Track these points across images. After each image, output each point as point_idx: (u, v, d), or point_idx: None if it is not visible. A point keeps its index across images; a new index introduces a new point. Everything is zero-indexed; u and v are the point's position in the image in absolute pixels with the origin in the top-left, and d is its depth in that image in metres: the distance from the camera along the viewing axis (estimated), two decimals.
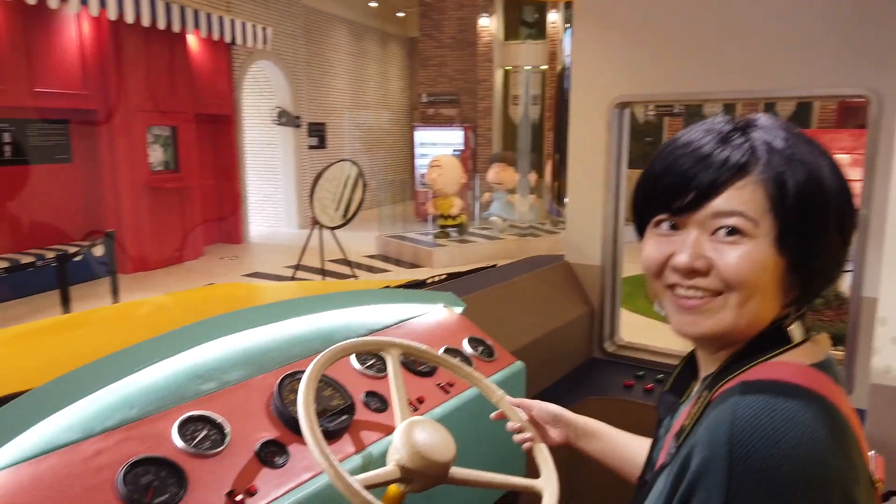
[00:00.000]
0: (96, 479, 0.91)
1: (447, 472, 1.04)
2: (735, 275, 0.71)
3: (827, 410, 0.66)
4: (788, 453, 0.61)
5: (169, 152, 8.80)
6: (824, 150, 0.74)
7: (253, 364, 1.22)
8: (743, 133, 0.73)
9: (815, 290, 0.76)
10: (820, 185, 0.71)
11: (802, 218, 0.70)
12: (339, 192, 7.09)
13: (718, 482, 0.63)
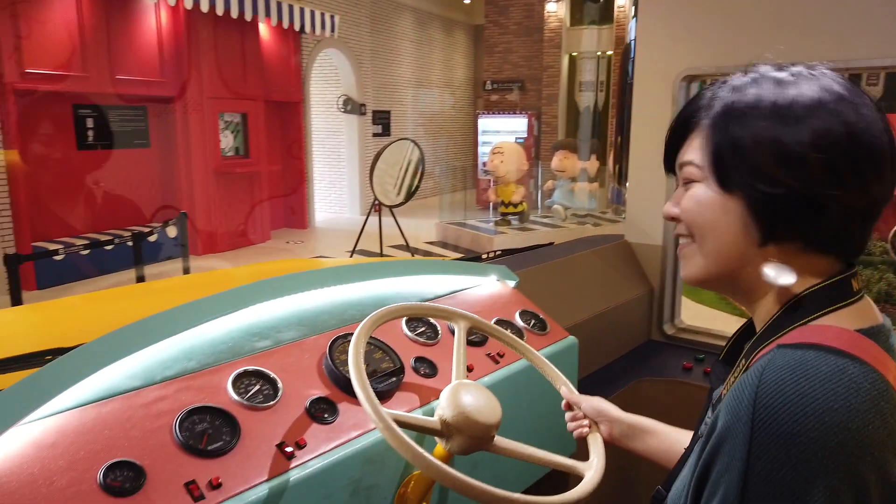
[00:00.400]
0: (155, 424, 0.95)
1: (490, 437, 1.04)
2: (685, 216, 0.76)
3: (867, 377, 0.63)
4: (814, 421, 0.59)
5: (239, 138, 9.08)
6: (811, 103, 0.67)
7: (307, 325, 1.25)
8: (719, 88, 0.74)
9: (809, 235, 0.69)
10: (753, 131, 0.68)
11: (735, 157, 0.70)
12: (399, 171, 7.12)
13: (740, 446, 0.62)
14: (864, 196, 0.67)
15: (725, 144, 0.71)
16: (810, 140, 0.66)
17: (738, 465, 0.62)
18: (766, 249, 0.71)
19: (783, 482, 0.60)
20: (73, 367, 0.96)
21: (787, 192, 0.67)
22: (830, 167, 0.66)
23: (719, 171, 0.72)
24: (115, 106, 7.60)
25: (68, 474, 0.84)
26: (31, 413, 0.89)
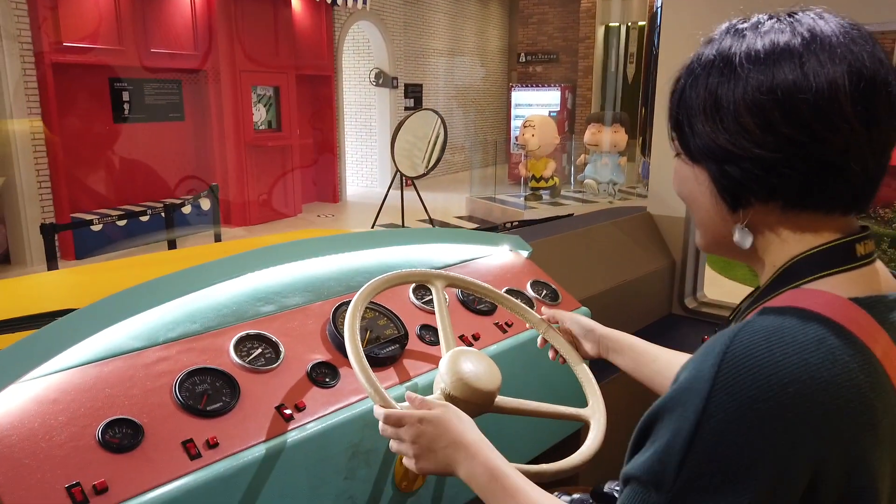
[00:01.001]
0: (156, 384, 0.96)
1: (492, 401, 1.03)
2: (677, 191, 0.77)
3: (848, 348, 0.60)
4: (777, 389, 0.57)
5: (271, 112, 9.13)
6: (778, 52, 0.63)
7: (312, 291, 1.25)
8: (696, 53, 0.71)
9: (779, 196, 0.66)
10: (696, 91, 0.67)
11: (687, 128, 0.69)
12: (428, 144, 7.07)
13: (695, 401, 0.59)
14: (822, 148, 0.62)
15: (681, 115, 0.70)
16: (741, 98, 0.64)
17: (690, 420, 0.59)
18: (744, 214, 0.69)
19: (731, 446, 0.57)
20: (78, 327, 0.97)
21: (734, 157, 0.65)
22: (766, 126, 0.63)
23: (682, 143, 0.72)
24: (150, 79, 7.70)
25: (68, 430, 0.86)
26: (34, 370, 0.91)
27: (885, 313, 0.64)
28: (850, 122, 0.61)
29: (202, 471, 0.89)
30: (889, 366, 0.62)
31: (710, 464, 0.58)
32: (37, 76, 6.33)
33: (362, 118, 12.27)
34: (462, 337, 1.28)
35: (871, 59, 0.62)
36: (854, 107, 0.61)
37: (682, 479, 0.58)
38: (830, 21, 0.65)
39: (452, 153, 13.19)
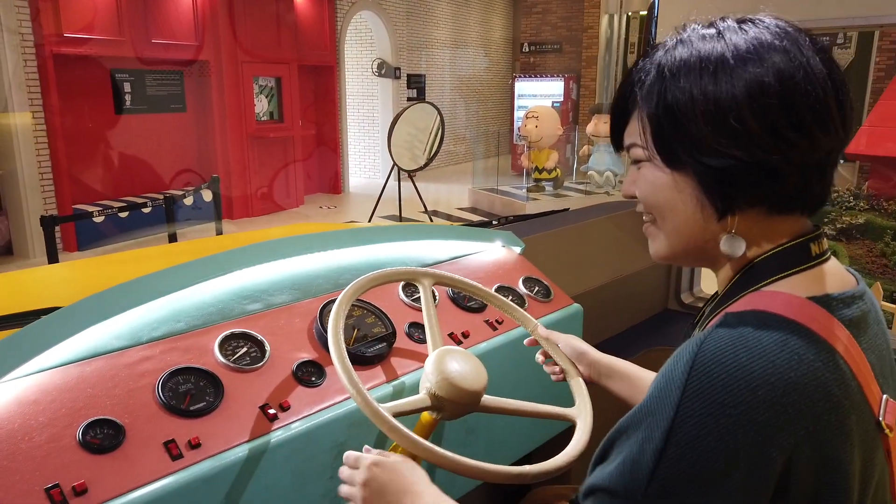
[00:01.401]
0: (138, 384, 0.96)
1: (478, 401, 1.02)
2: (643, 199, 0.73)
3: (811, 348, 0.60)
4: (747, 393, 0.57)
5: (273, 103, 9.10)
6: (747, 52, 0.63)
7: (299, 289, 1.24)
8: (650, 56, 0.69)
9: (769, 200, 0.65)
10: (685, 94, 0.64)
11: (672, 132, 0.66)
12: (429, 136, 7.04)
13: (667, 409, 0.59)
14: (816, 150, 0.63)
15: (662, 119, 0.66)
16: (745, 100, 0.62)
17: (662, 427, 0.59)
18: (731, 220, 0.68)
19: (704, 452, 0.57)
20: (60, 326, 0.97)
21: (734, 162, 0.63)
22: (771, 129, 0.62)
23: (662, 150, 0.68)
24: (151, 70, 7.68)
25: (48, 430, 0.86)
26: (15, 370, 0.90)
27: (841, 310, 0.65)
28: (836, 125, 0.63)
29: (184, 471, 0.88)
30: (851, 361, 0.62)
31: (682, 471, 0.58)
32: (37, 68, 6.32)
33: (365, 109, 12.23)
34: (451, 335, 1.28)
35: (837, 66, 0.65)
36: (838, 109, 0.63)
37: (654, 487, 0.58)
38: (790, 27, 0.66)
39: (455, 144, 13.14)
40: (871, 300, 0.72)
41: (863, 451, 0.63)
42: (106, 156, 7.33)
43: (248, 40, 8.42)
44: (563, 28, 13.09)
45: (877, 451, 0.64)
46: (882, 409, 0.65)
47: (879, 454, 0.65)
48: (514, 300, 1.42)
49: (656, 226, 0.74)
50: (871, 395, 0.64)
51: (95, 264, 2.43)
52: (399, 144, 6.89)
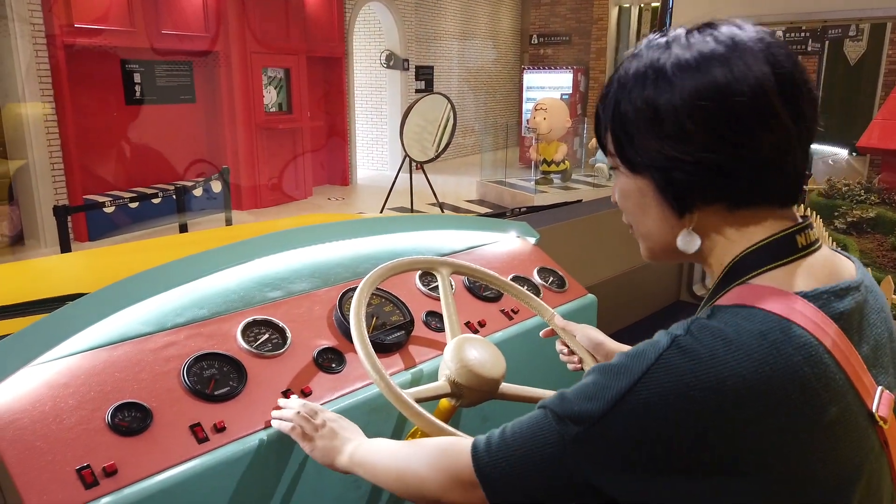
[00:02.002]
0: (164, 368, 0.98)
1: (496, 388, 1.04)
2: (619, 205, 0.77)
3: (793, 341, 0.62)
4: (715, 381, 0.60)
5: (282, 94, 9.11)
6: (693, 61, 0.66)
7: (319, 277, 1.26)
8: (616, 69, 0.74)
9: (724, 197, 0.68)
10: (633, 103, 0.69)
11: (626, 141, 0.70)
12: (438, 127, 7.03)
13: (633, 374, 0.62)
14: (760, 147, 0.65)
15: (617, 128, 0.71)
16: (682, 106, 0.65)
17: (624, 383, 0.62)
18: (690, 218, 0.70)
19: (655, 420, 0.61)
20: (88, 312, 0.99)
21: (681, 164, 0.67)
22: (710, 131, 0.65)
23: (622, 158, 0.73)
24: (161, 61, 7.69)
25: (78, 413, 0.88)
26: (45, 354, 0.92)
27: (833, 303, 0.66)
28: (782, 119, 0.65)
29: (209, 454, 0.90)
30: (839, 354, 0.63)
31: (628, 427, 0.62)
32: (49, 58, 6.34)
33: (373, 100, 12.23)
34: (468, 323, 1.29)
35: (788, 59, 0.66)
36: (783, 104, 0.65)
37: (599, 429, 0.63)
38: (748, 29, 0.68)
39: (464, 136, 13.12)
40: (870, 289, 0.73)
41: (848, 442, 0.63)
42: (116, 146, 7.37)
43: (257, 31, 8.42)
44: (573, 20, 13.02)
45: (867, 441, 0.65)
46: (876, 401, 0.66)
47: (873, 445, 0.66)
48: (530, 290, 1.43)
49: (635, 230, 0.78)
50: (863, 387, 0.65)
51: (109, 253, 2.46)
52: (411, 135, 6.89)
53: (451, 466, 0.76)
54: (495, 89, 14.94)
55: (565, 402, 0.67)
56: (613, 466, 0.64)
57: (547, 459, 0.67)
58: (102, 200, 5.38)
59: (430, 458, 0.80)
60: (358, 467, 0.88)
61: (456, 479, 0.75)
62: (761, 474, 0.60)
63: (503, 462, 0.71)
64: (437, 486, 0.78)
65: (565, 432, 0.66)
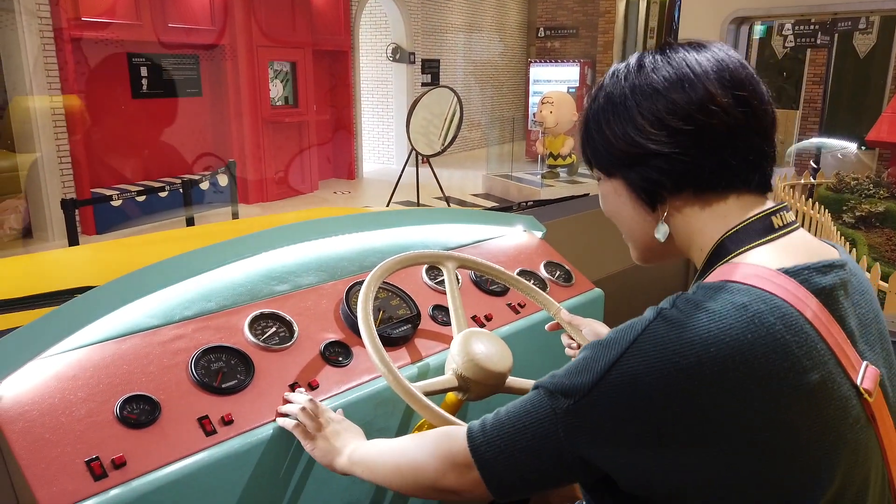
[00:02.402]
0: (172, 361, 0.98)
1: (503, 382, 1.04)
2: (604, 212, 0.84)
3: (775, 311, 0.65)
4: (699, 348, 0.62)
5: (288, 87, 9.11)
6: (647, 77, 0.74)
7: (326, 270, 1.26)
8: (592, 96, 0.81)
9: (687, 184, 0.74)
10: (595, 113, 0.78)
11: (593, 148, 0.79)
12: (444, 120, 7.02)
13: (620, 346, 0.65)
14: (708, 133, 0.71)
15: (587, 138, 0.80)
16: (633, 106, 0.73)
17: (611, 356, 0.65)
18: (661, 209, 0.76)
19: (643, 388, 0.63)
20: (96, 304, 0.99)
21: (640, 158, 0.73)
22: (657, 122, 0.72)
23: (597, 164, 0.80)
24: (168, 54, 7.70)
25: (87, 405, 0.88)
26: (54, 347, 0.92)
27: (814, 278, 0.70)
28: (725, 108, 0.71)
29: (217, 447, 0.91)
30: (820, 326, 0.67)
31: (616, 397, 0.65)
32: (56, 52, 6.36)
33: (379, 94, 12.21)
34: (474, 317, 1.29)
35: (735, 63, 0.74)
36: (724, 95, 0.71)
37: (589, 399, 0.66)
38: (702, 51, 0.75)
39: (469, 130, 13.10)
40: (854, 272, 0.76)
41: (831, 409, 0.65)
42: (123, 139, 7.39)
43: (263, 25, 8.41)
44: (580, 12, 12.96)
45: (851, 412, 0.67)
46: (861, 375, 0.69)
47: (858, 417, 0.68)
48: (536, 284, 1.43)
49: (623, 235, 0.84)
50: (847, 361, 0.68)
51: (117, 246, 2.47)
52: (417, 129, 6.89)
53: (447, 451, 0.78)
54: (502, 82, 14.89)
55: (556, 378, 0.71)
56: (604, 436, 0.66)
57: (540, 435, 0.69)
58: (110, 194, 5.40)
59: (426, 446, 0.81)
60: (356, 466, 0.89)
61: (451, 463, 0.77)
62: (746, 440, 0.62)
63: (497, 441, 0.73)
64: (432, 471, 0.79)
65: (557, 406, 0.68)
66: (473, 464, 0.74)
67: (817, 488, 0.65)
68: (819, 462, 0.65)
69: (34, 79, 6.18)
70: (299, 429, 0.95)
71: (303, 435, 0.94)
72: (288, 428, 0.95)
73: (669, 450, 0.64)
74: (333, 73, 10.23)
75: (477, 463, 0.74)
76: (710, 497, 0.65)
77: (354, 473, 0.90)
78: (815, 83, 9.69)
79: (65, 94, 6.47)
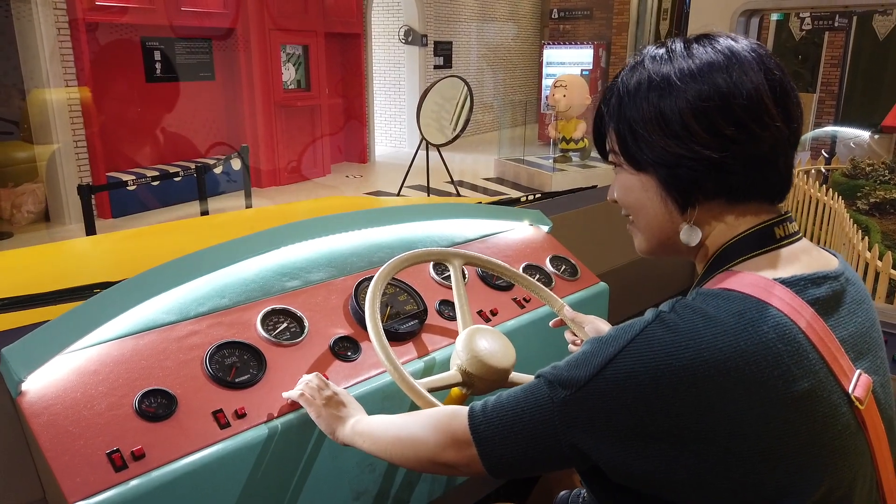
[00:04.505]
0: (188, 356, 1.02)
1: (507, 378, 1.07)
2: (620, 201, 0.83)
3: (769, 320, 0.67)
4: (692, 353, 0.65)
5: (301, 71, 9.11)
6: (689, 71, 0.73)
7: (335, 266, 1.29)
8: (616, 77, 0.80)
9: (724, 192, 0.74)
10: (639, 109, 0.75)
11: (633, 142, 0.76)
12: (455, 107, 7.01)
13: (616, 345, 0.68)
14: (758, 144, 0.71)
15: (623, 129, 0.77)
16: (687, 108, 0.72)
17: (608, 353, 0.68)
18: (691, 212, 0.77)
19: (635, 387, 0.66)
20: (115, 302, 1.03)
21: (683, 160, 0.73)
22: (711, 129, 0.71)
23: (627, 155, 0.78)
24: (181, 38, 7.72)
25: (107, 399, 0.93)
26: (76, 343, 0.97)
27: (809, 289, 0.72)
28: (775, 120, 0.72)
29: (231, 439, 0.95)
30: (814, 336, 0.69)
31: (610, 392, 0.68)
32: (71, 39, 6.40)
33: (391, 77, 12.17)
34: (480, 312, 1.32)
35: (777, 68, 0.74)
36: (776, 107, 0.72)
37: (584, 392, 0.69)
38: (742, 42, 0.75)
39: (482, 113, 13.04)
40: (851, 281, 0.78)
41: (819, 417, 0.67)
42: (137, 124, 7.44)
43: (275, 8, 8.40)
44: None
45: (840, 419, 0.69)
46: (853, 383, 0.71)
47: (848, 424, 0.70)
48: (542, 279, 1.45)
49: (634, 225, 0.83)
50: (839, 369, 0.70)
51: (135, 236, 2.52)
52: (428, 115, 6.89)
53: (448, 427, 0.82)
54: (514, 65, 14.78)
55: (557, 369, 0.74)
56: (596, 427, 0.69)
57: (537, 421, 0.73)
58: (126, 179, 5.46)
59: (429, 421, 0.85)
60: (358, 436, 0.93)
61: (451, 438, 0.81)
62: (732, 442, 0.65)
63: (496, 421, 0.77)
64: (432, 444, 0.83)
65: (555, 396, 0.72)
66: (472, 441, 0.78)
67: (803, 491, 0.67)
68: (805, 467, 0.67)
69: (50, 67, 6.24)
70: (304, 397, 0.99)
71: (307, 403, 0.99)
72: (293, 397, 1.00)
73: (657, 446, 0.67)
74: (345, 56, 10.21)
75: (475, 439, 0.78)
76: (694, 494, 0.68)
77: (355, 444, 0.94)
78: (832, 66, 9.55)
79: (80, 80, 6.51)
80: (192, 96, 8.00)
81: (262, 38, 8.32)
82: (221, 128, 8.49)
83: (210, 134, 8.31)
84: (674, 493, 0.70)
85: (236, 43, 8.32)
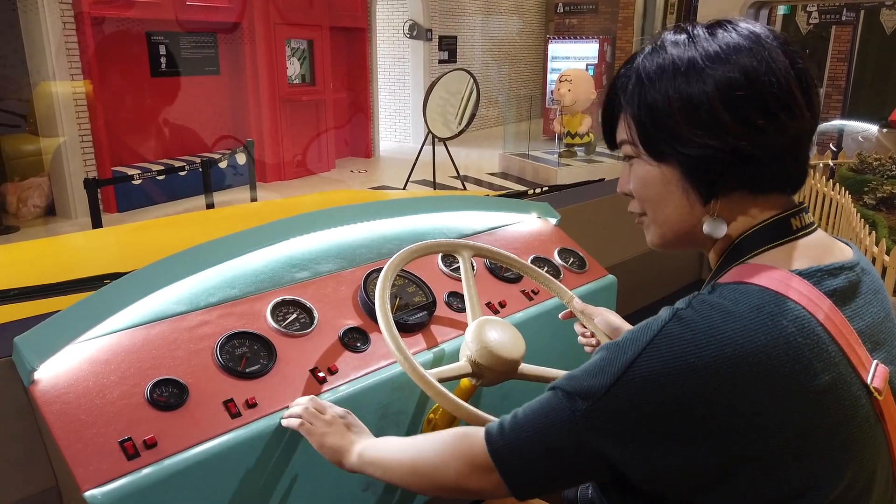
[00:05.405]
0: (198, 346, 1.03)
1: (516, 369, 1.07)
2: (636, 193, 0.79)
3: (788, 314, 0.65)
4: (714, 350, 0.63)
5: (305, 65, 9.10)
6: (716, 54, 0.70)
7: (344, 258, 1.29)
8: (630, 63, 0.76)
9: (749, 183, 0.72)
10: (662, 94, 0.71)
11: (654, 129, 0.72)
12: (462, 100, 7.00)
13: (636, 347, 0.66)
14: (784, 134, 0.69)
15: (644, 118, 0.73)
16: (716, 95, 0.68)
17: (628, 357, 0.66)
18: (715, 204, 0.74)
19: (659, 388, 0.64)
20: (126, 292, 1.04)
21: (711, 151, 0.70)
22: (741, 118, 0.68)
23: (647, 145, 0.75)
24: (186, 33, 7.72)
25: (119, 388, 0.93)
26: (87, 332, 0.97)
27: (826, 280, 0.71)
28: (802, 109, 0.70)
29: (242, 429, 0.95)
30: (832, 328, 0.68)
31: (632, 397, 0.66)
32: (76, 33, 6.41)
33: (396, 71, 12.16)
34: (489, 304, 1.32)
35: (800, 56, 0.72)
36: (803, 95, 0.70)
37: (605, 401, 0.67)
38: (760, 27, 0.72)
39: (487, 108, 13.02)
40: (866, 271, 0.77)
41: (840, 410, 0.67)
42: (142, 118, 7.45)
43: (280, 2, 8.39)
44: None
45: (860, 412, 0.68)
46: (871, 374, 0.70)
47: (867, 416, 0.69)
48: (550, 271, 1.45)
49: (649, 218, 0.80)
50: (857, 360, 0.69)
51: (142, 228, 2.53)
52: (434, 109, 6.88)
53: (466, 453, 0.78)
54: (519, 59, 14.74)
55: (574, 380, 0.71)
56: (621, 436, 0.67)
57: (559, 437, 0.70)
58: (131, 173, 5.47)
59: (444, 447, 0.82)
60: (368, 466, 0.90)
61: (472, 465, 0.77)
62: (757, 439, 0.64)
63: (517, 443, 0.74)
64: (453, 472, 0.79)
65: (575, 409, 0.69)
66: (494, 466, 0.75)
67: (827, 485, 0.66)
68: (829, 460, 0.66)
69: (56, 61, 6.25)
70: (304, 427, 0.96)
71: (308, 433, 0.96)
72: (293, 427, 0.97)
73: (683, 448, 0.65)
74: (350, 50, 10.20)
75: (497, 465, 0.74)
76: (722, 494, 0.67)
77: (366, 473, 0.91)
78: (839, 60, 9.50)
79: (85, 74, 6.52)
80: (198, 90, 8.01)
81: (267, 32, 8.32)
82: (226, 122, 8.49)
83: (215, 128, 8.31)
84: (700, 494, 0.68)
85: (241, 37, 8.32)
